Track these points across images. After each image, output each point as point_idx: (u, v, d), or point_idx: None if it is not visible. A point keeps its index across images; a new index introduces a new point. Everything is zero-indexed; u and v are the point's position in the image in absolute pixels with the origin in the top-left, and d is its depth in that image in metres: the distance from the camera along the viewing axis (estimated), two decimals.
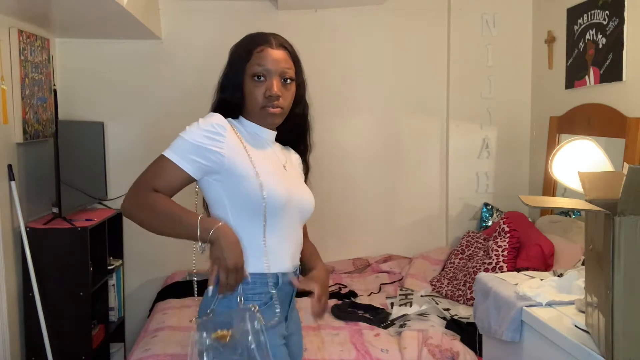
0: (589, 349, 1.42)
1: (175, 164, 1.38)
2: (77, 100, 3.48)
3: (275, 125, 1.53)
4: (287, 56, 1.53)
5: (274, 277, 1.46)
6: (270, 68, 1.47)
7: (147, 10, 3.10)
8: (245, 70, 1.48)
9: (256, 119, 1.51)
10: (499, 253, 2.89)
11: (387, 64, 3.68)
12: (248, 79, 1.48)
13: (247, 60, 1.49)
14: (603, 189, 1.43)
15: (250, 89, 1.48)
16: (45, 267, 2.77)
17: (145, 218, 1.35)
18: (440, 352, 2.42)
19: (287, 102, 1.51)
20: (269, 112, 1.47)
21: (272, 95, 1.46)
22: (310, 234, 1.57)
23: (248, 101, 1.49)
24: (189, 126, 1.41)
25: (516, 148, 3.68)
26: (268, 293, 1.44)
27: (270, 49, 1.50)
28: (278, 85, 1.47)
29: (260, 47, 1.49)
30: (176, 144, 1.40)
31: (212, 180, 1.42)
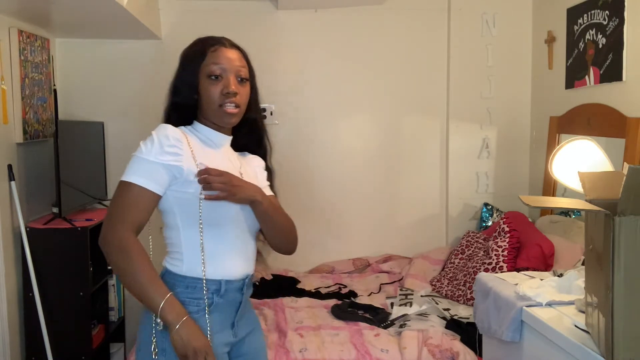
0: (589, 349, 1.42)
1: (145, 189, 1.37)
2: (77, 100, 3.48)
3: (231, 125, 1.51)
4: (241, 56, 1.53)
5: (216, 283, 1.44)
6: (226, 66, 1.46)
7: (147, 10, 3.10)
8: (200, 70, 1.47)
9: (213, 120, 1.49)
10: (499, 253, 2.89)
11: (387, 64, 3.68)
12: (204, 79, 1.46)
13: (201, 60, 1.47)
14: (603, 189, 1.43)
15: (206, 88, 1.46)
16: (45, 267, 2.77)
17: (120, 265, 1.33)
18: (440, 352, 2.43)
19: (243, 100, 1.50)
20: (227, 111, 1.46)
21: (230, 92, 1.45)
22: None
23: (204, 101, 1.47)
24: (144, 144, 1.40)
25: (516, 148, 3.68)
26: (209, 299, 1.43)
27: (225, 48, 1.49)
28: (235, 82, 1.46)
29: (214, 47, 1.48)
30: (138, 166, 1.38)
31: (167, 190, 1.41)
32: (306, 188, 3.70)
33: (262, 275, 3.43)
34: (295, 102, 3.69)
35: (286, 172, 3.73)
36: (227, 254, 1.47)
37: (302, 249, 3.99)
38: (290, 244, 1.63)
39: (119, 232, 1.33)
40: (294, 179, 3.68)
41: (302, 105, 3.69)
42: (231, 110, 1.46)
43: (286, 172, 3.73)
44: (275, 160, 4.05)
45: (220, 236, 1.45)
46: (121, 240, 1.33)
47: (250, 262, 1.54)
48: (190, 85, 1.47)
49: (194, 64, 1.48)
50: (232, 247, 1.48)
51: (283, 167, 3.65)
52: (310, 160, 3.72)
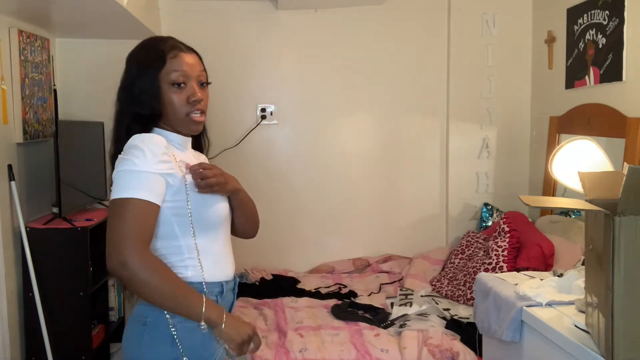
0: (589, 349, 1.42)
1: (151, 202, 1.32)
2: (77, 100, 3.47)
3: (197, 132, 1.49)
4: (199, 60, 1.49)
5: (218, 285, 1.45)
6: (188, 73, 1.43)
7: (147, 10, 3.10)
8: (160, 78, 1.41)
9: (179, 128, 1.46)
10: (499, 253, 2.89)
11: (387, 64, 3.68)
12: (166, 87, 1.41)
13: (161, 67, 1.41)
14: (603, 189, 1.43)
15: (170, 97, 1.41)
16: (45, 267, 2.77)
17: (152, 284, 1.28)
18: (440, 352, 2.43)
19: (206, 105, 1.48)
20: (194, 119, 1.43)
21: (196, 99, 1.42)
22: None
23: (170, 110, 1.42)
24: (135, 157, 1.33)
25: (516, 148, 3.68)
26: (214, 301, 1.42)
27: (184, 54, 1.45)
28: (198, 88, 1.44)
29: (172, 52, 1.43)
30: (138, 180, 1.31)
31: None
32: (306, 188, 3.70)
33: (262, 275, 3.43)
34: (295, 102, 3.69)
35: (286, 172, 3.75)
36: (223, 255, 1.48)
37: (302, 249, 4.03)
38: (256, 227, 1.66)
39: (141, 252, 1.28)
40: (293, 179, 3.69)
41: (302, 106, 3.69)
42: (198, 118, 1.44)
43: (286, 172, 3.75)
44: (275, 160, 4.07)
45: (216, 238, 1.46)
46: (147, 261, 1.28)
47: (233, 262, 1.55)
48: (152, 94, 1.41)
49: (152, 71, 1.41)
50: (225, 248, 1.49)
51: (283, 167, 3.69)
52: (310, 160, 3.71)
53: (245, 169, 3.53)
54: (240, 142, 3.59)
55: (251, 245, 3.35)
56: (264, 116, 3.63)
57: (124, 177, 1.32)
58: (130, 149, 1.35)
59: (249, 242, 3.65)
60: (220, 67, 3.56)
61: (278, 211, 3.61)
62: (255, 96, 3.63)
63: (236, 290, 1.53)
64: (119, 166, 1.34)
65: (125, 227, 1.28)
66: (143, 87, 1.42)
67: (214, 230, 1.45)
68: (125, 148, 1.37)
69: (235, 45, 3.59)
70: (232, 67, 3.59)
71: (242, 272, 3.40)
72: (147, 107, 1.42)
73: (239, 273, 3.37)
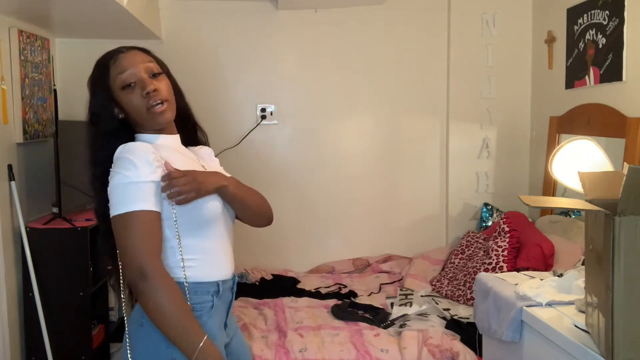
0: (589, 349, 1.42)
1: (154, 212, 1.32)
2: (77, 100, 3.44)
3: (168, 121, 1.45)
4: (143, 54, 1.47)
5: (214, 285, 1.43)
6: (133, 70, 1.41)
7: (147, 10, 3.10)
8: (110, 87, 1.41)
9: (149, 125, 1.43)
10: (499, 253, 2.89)
11: (387, 64, 3.68)
12: (118, 93, 1.41)
13: (107, 77, 1.41)
14: (603, 189, 1.43)
15: (126, 100, 1.40)
16: (45, 267, 2.77)
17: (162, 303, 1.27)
18: (440, 352, 2.43)
19: (167, 93, 1.44)
20: (156, 111, 1.40)
21: (149, 91, 1.39)
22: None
23: (133, 113, 1.41)
24: (125, 169, 1.32)
25: (516, 148, 3.68)
26: (209, 302, 1.41)
27: (123, 54, 1.44)
28: (150, 80, 1.41)
29: (113, 59, 1.43)
30: (136, 192, 1.31)
31: None
32: (306, 188, 3.70)
33: (262, 275, 3.43)
34: (295, 102, 3.69)
35: (286, 172, 3.75)
36: (219, 254, 1.46)
37: (302, 249, 4.03)
38: (265, 216, 1.62)
39: (149, 265, 1.28)
40: (293, 179, 3.69)
41: (302, 106, 3.69)
42: (160, 108, 1.41)
43: (286, 172, 3.75)
44: (275, 160, 4.07)
45: (208, 237, 1.43)
46: (162, 276, 1.28)
47: (233, 259, 1.53)
48: (108, 106, 1.41)
49: (101, 84, 1.42)
50: (222, 246, 1.47)
51: (283, 167, 3.69)
52: (310, 160, 3.71)
53: (245, 169, 3.52)
54: (240, 142, 3.58)
55: (251, 245, 3.37)
56: (264, 116, 3.63)
57: (120, 191, 1.32)
58: (119, 161, 1.34)
59: (249, 242, 3.64)
60: (220, 67, 3.56)
61: (278, 211, 3.56)
62: (255, 96, 3.63)
63: (235, 289, 1.52)
64: (112, 181, 1.34)
65: (137, 241, 1.29)
66: (97, 103, 1.43)
67: (204, 230, 1.42)
68: (114, 160, 1.36)
69: (235, 45, 3.59)
70: (232, 67, 3.59)
71: (242, 272, 3.40)
72: (110, 122, 1.42)
73: (239, 273, 3.37)
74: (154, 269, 1.28)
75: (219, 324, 1.45)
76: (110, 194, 1.33)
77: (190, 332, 1.29)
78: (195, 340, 1.28)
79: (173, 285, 1.30)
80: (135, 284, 1.29)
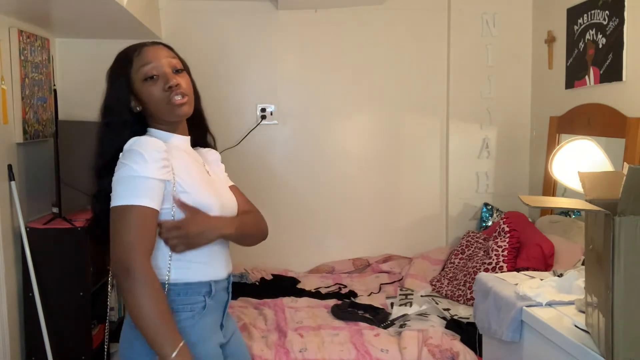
0: (589, 349, 1.42)
1: (151, 209, 1.31)
2: (77, 100, 3.47)
3: (186, 115, 1.45)
4: (167, 49, 1.48)
5: (206, 285, 1.42)
6: (157, 63, 1.41)
7: (147, 10, 3.10)
8: (131, 79, 1.41)
9: (166, 118, 1.43)
10: (499, 253, 2.89)
11: (387, 64, 3.68)
12: (140, 84, 1.41)
13: (129, 68, 1.41)
14: (603, 189, 1.43)
15: (147, 92, 1.40)
16: (45, 267, 2.77)
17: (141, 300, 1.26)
18: (440, 352, 2.43)
19: (188, 89, 1.45)
20: (176, 102, 1.40)
21: (172, 85, 1.40)
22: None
23: (150, 105, 1.41)
24: (134, 162, 1.31)
25: (516, 148, 3.68)
26: (201, 302, 1.41)
27: (147, 47, 1.44)
28: (173, 75, 1.42)
29: (136, 51, 1.44)
30: (138, 186, 1.30)
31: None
32: (306, 188, 3.70)
33: (262, 275, 3.43)
34: (295, 102, 3.69)
35: (286, 172, 3.75)
36: (213, 255, 1.45)
37: (302, 249, 4.02)
38: (261, 237, 1.63)
39: (137, 262, 1.27)
40: (293, 179, 3.69)
41: (302, 105, 3.69)
42: (180, 100, 1.41)
43: (286, 172, 3.75)
44: (275, 160, 4.08)
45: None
46: (141, 273, 1.27)
47: (229, 259, 1.53)
48: (126, 98, 1.40)
49: (122, 75, 1.42)
50: (216, 248, 1.46)
51: (283, 167, 3.69)
52: (310, 160, 3.71)
53: (245, 169, 3.53)
54: (240, 142, 3.58)
55: None
56: (264, 116, 3.63)
57: (125, 183, 1.31)
58: (129, 153, 1.33)
59: None
60: (220, 67, 3.56)
61: (278, 211, 3.61)
62: (255, 96, 3.63)
63: (230, 289, 1.52)
64: (119, 172, 1.33)
65: (131, 236, 1.29)
66: (116, 94, 1.42)
67: None
68: (123, 152, 1.36)
69: (236, 45, 3.59)
70: (232, 67, 3.59)
71: (242, 272, 3.39)
72: (125, 113, 1.41)
73: (239, 273, 3.37)
74: (141, 268, 1.28)
75: (212, 323, 1.45)
76: (115, 185, 1.33)
77: (166, 337, 1.27)
78: (170, 345, 1.27)
79: (157, 288, 1.30)
80: (120, 279, 1.29)
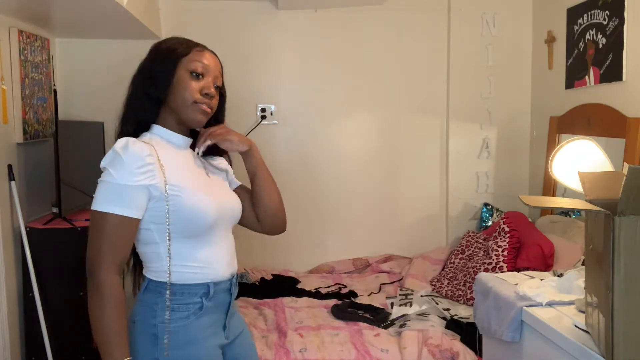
0: (589, 349, 1.42)
1: (126, 217, 1.31)
2: (77, 100, 3.48)
3: (200, 124, 1.47)
4: (220, 66, 1.51)
5: (204, 287, 1.42)
6: (209, 67, 1.45)
7: (147, 10, 3.10)
8: (180, 64, 1.43)
9: (183, 114, 1.43)
10: (499, 253, 2.89)
11: (387, 64, 3.68)
12: (183, 72, 1.42)
13: (185, 55, 1.44)
14: (603, 189, 1.43)
15: (185, 82, 1.41)
16: (45, 267, 2.77)
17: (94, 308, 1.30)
18: (440, 352, 2.43)
19: (215, 106, 1.48)
20: (202, 108, 1.42)
21: (209, 93, 1.43)
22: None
23: (178, 96, 1.42)
24: (113, 168, 1.31)
25: (516, 148, 3.68)
26: (198, 303, 1.41)
27: (208, 53, 1.48)
28: (213, 86, 1.45)
29: (199, 47, 1.47)
30: (113, 193, 1.30)
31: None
32: (306, 188, 3.70)
33: (262, 275, 3.43)
34: (295, 102, 3.69)
35: (286, 171, 3.75)
36: (213, 257, 1.44)
37: (302, 249, 4.02)
38: (281, 214, 1.63)
39: (102, 272, 1.30)
40: (293, 179, 3.69)
41: (302, 105, 3.69)
42: (206, 108, 1.44)
43: (286, 171, 3.75)
44: (275, 160, 4.07)
45: (202, 243, 1.42)
46: (103, 285, 1.30)
47: (234, 260, 1.52)
48: (166, 76, 1.42)
49: (175, 56, 1.43)
50: (216, 249, 1.45)
51: (282, 167, 3.69)
52: (310, 160, 3.71)
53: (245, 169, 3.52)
54: None
55: (251, 245, 3.36)
56: (264, 116, 3.63)
57: (103, 189, 1.32)
58: (111, 156, 1.34)
59: (250, 242, 3.64)
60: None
61: None
62: (255, 96, 3.63)
63: (232, 290, 1.50)
64: (102, 175, 1.34)
65: (102, 244, 1.31)
66: (160, 69, 1.43)
67: (197, 236, 1.41)
68: (110, 151, 1.37)
69: (236, 45, 3.59)
70: (232, 67, 3.53)
71: (242, 272, 3.39)
72: (160, 88, 1.42)
73: (239, 273, 3.36)
74: (104, 280, 1.30)
75: (210, 324, 1.44)
76: (97, 187, 1.35)
77: (112, 348, 1.29)
78: (114, 356, 1.29)
79: (116, 302, 1.31)
80: (87, 280, 1.33)
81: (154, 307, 1.38)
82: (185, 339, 1.38)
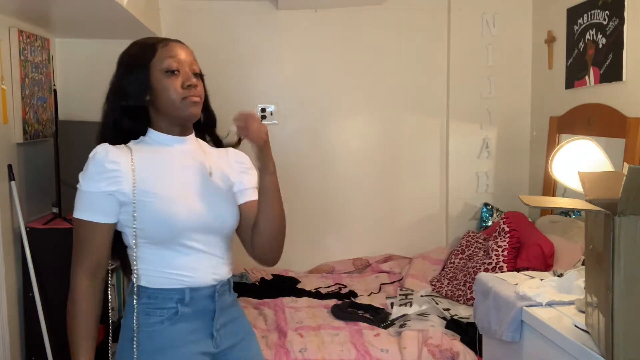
0: (589, 349, 1.42)
1: (95, 223, 1.33)
2: (77, 100, 3.47)
3: (197, 115, 1.42)
4: (191, 52, 1.45)
5: (179, 292, 1.38)
6: (181, 59, 1.39)
7: (147, 10, 3.10)
8: (151, 67, 1.37)
9: (176, 114, 1.39)
10: (499, 253, 2.89)
11: (387, 64, 3.68)
12: (159, 75, 1.37)
13: (152, 57, 1.38)
14: (603, 189, 1.43)
15: (165, 84, 1.36)
16: (45, 267, 2.77)
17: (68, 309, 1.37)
18: (440, 352, 2.43)
19: (203, 94, 1.43)
20: (192, 100, 1.38)
21: (192, 84, 1.38)
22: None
23: (163, 98, 1.37)
24: (81, 176, 1.37)
25: (516, 148, 3.68)
26: (172, 308, 1.38)
27: (174, 43, 1.42)
28: (192, 76, 1.40)
29: (163, 42, 1.41)
30: (82, 200, 1.35)
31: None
32: (306, 188, 3.70)
33: (262, 275, 3.43)
34: (295, 102, 3.69)
35: (286, 171, 3.74)
36: (192, 264, 1.39)
37: (302, 249, 4.03)
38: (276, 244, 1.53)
39: (75, 278, 1.36)
40: (293, 179, 3.68)
41: (302, 106, 3.69)
42: (195, 99, 1.39)
43: (286, 171, 3.74)
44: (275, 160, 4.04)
45: (179, 249, 1.37)
46: (75, 290, 1.35)
47: (222, 267, 1.45)
48: (140, 85, 1.37)
49: (143, 62, 1.38)
50: (198, 256, 1.40)
51: (282, 167, 3.67)
52: (310, 160, 3.71)
53: None
54: (241, 142, 3.58)
55: None
56: (264, 116, 3.63)
57: (76, 197, 1.38)
58: (86, 162, 1.38)
59: None
60: (220, 67, 3.55)
61: None
62: (255, 96, 3.63)
63: (217, 297, 1.42)
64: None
65: (76, 250, 1.37)
66: (132, 79, 1.38)
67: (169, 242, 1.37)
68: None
69: (235, 45, 3.59)
70: (232, 67, 3.59)
71: (242, 272, 3.40)
72: (134, 98, 1.38)
73: (239, 273, 3.37)
74: (76, 284, 1.36)
75: (191, 332, 1.39)
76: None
77: (78, 353, 1.37)
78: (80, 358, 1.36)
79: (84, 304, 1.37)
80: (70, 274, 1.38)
81: (132, 310, 1.41)
82: (160, 344, 1.37)
